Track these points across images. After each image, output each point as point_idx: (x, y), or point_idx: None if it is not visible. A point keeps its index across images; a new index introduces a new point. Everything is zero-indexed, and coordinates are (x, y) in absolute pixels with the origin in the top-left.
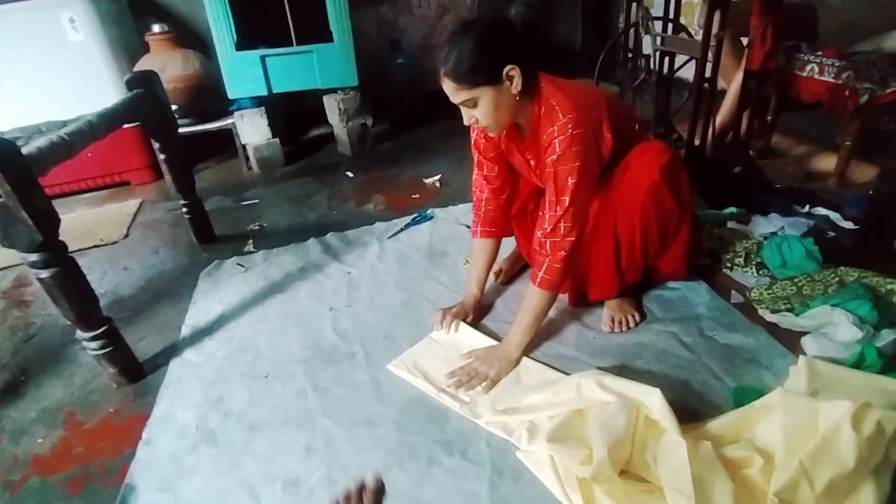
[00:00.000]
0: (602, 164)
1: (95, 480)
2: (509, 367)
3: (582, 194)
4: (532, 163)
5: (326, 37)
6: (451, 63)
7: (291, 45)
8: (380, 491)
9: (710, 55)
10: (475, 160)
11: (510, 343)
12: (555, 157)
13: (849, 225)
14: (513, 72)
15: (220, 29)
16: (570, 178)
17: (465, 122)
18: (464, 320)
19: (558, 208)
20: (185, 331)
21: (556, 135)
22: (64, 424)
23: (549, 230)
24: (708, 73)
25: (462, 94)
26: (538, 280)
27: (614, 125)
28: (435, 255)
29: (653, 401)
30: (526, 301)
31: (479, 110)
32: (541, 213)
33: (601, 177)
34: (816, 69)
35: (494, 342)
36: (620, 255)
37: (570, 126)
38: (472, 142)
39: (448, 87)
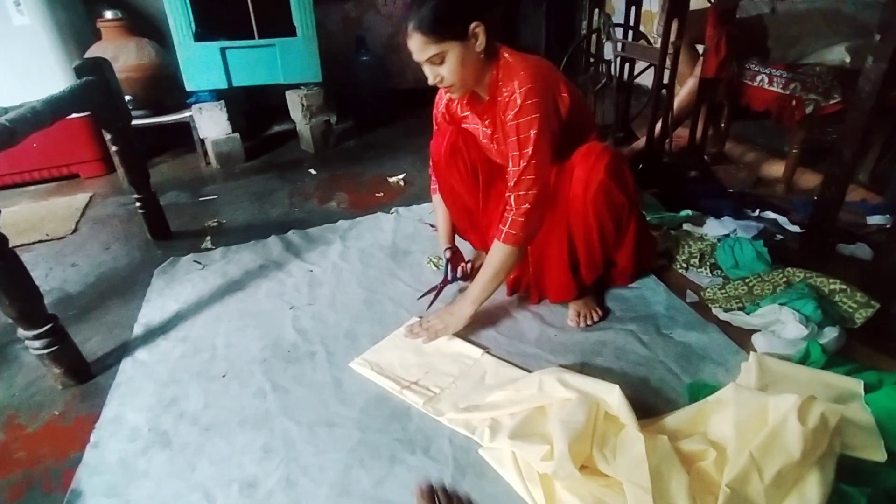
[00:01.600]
0: (561, 124)
1: (38, 487)
2: (460, 322)
3: (543, 146)
4: (489, 131)
5: (289, 31)
6: (422, 14)
7: (253, 37)
8: None
9: (667, 62)
10: (435, 129)
11: (466, 298)
12: (516, 109)
13: (795, 228)
14: (478, 29)
15: (178, 18)
16: (531, 130)
17: (431, 81)
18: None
19: (521, 161)
20: (138, 330)
21: (516, 88)
22: (4, 428)
23: (512, 184)
24: (666, 80)
25: (430, 49)
26: (502, 235)
27: (570, 91)
28: (398, 253)
29: (612, 397)
30: (488, 257)
31: (445, 67)
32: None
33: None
34: (766, 80)
35: (457, 339)
36: (578, 256)
37: (529, 80)
38: (434, 114)
39: (416, 42)
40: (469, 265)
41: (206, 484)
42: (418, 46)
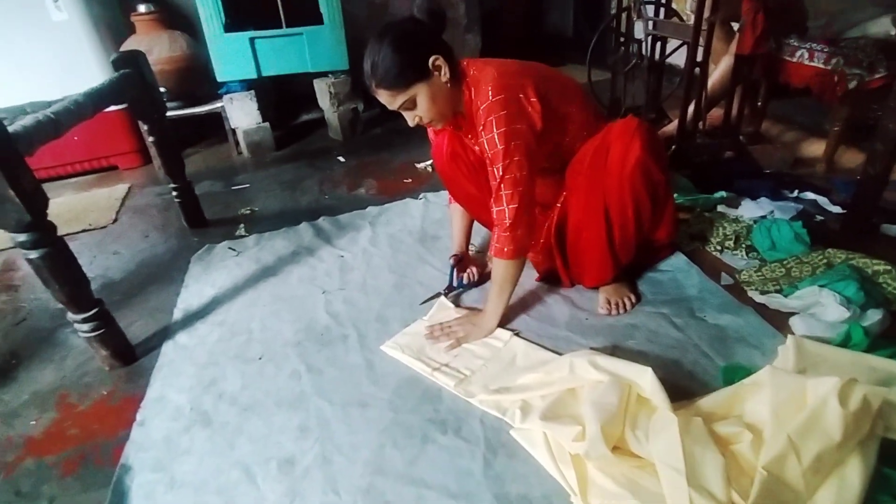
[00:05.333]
0: (536, 132)
1: (90, 461)
2: (481, 333)
3: (514, 160)
4: (478, 148)
5: (316, 19)
6: (380, 73)
7: (281, 26)
8: None
9: (701, 40)
10: (432, 140)
11: (486, 313)
12: (482, 126)
13: (836, 209)
14: (438, 61)
15: (208, 10)
16: (499, 145)
17: (411, 124)
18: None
19: (497, 176)
20: (177, 314)
21: (480, 105)
22: (57, 407)
23: (493, 200)
24: (700, 58)
25: (399, 98)
26: (493, 250)
27: (545, 91)
28: (427, 238)
29: (644, 379)
30: (493, 273)
31: (419, 108)
32: None
33: (568, 158)
34: (806, 55)
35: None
36: (613, 236)
37: (490, 93)
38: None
39: (384, 96)
40: (474, 271)
41: (246, 461)
42: (387, 100)
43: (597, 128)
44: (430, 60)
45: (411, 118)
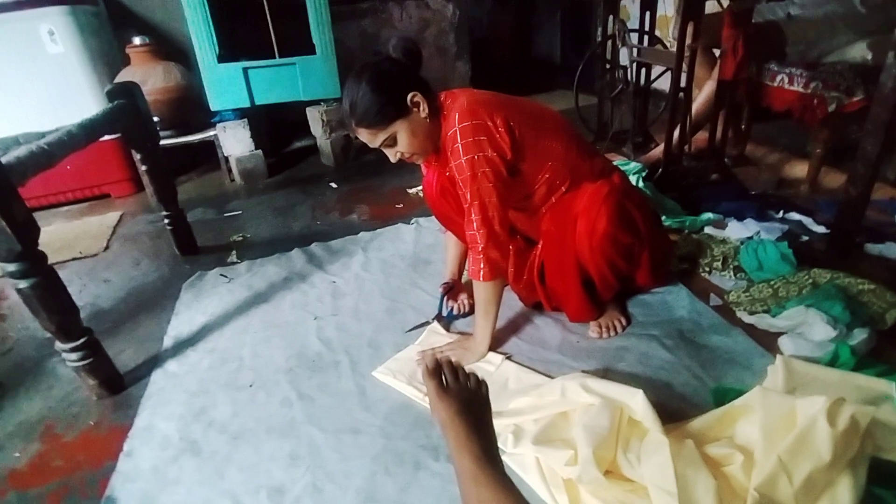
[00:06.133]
0: (507, 161)
1: (75, 494)
2: (472, 357)
3: (483, 186)
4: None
5: (309, 49)
6: (359, 112)
7: (274, 57)
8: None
9: (684, 66)
10: (423, 172)
11: (475, 337)
12: (449, 152)
13: (821, 229)
14: (416, 98)
15: (202, 41)
16: (466, 171)
17: (393, 161)
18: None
19: (466, 201)
20: (168, 342)
21: (447, 131)
22: (42, 438)
23: (465, 223)
24: (683, 83)
25: (380, 136)
26: (470, 272)
27: (517, 123)
28: (419, 263)
29: (636, 401)
30: (475, 295)
31: (400, 145)
32: None
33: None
34: (786, 79)
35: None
36: (592, 285)
37: (457, 120)
38: None
39: (364, 135)
40: (465, 302)
41: (235, 491)
42: (367, 138)
43: (583, 169)
44: (409, 97)
45: (393, 155)
